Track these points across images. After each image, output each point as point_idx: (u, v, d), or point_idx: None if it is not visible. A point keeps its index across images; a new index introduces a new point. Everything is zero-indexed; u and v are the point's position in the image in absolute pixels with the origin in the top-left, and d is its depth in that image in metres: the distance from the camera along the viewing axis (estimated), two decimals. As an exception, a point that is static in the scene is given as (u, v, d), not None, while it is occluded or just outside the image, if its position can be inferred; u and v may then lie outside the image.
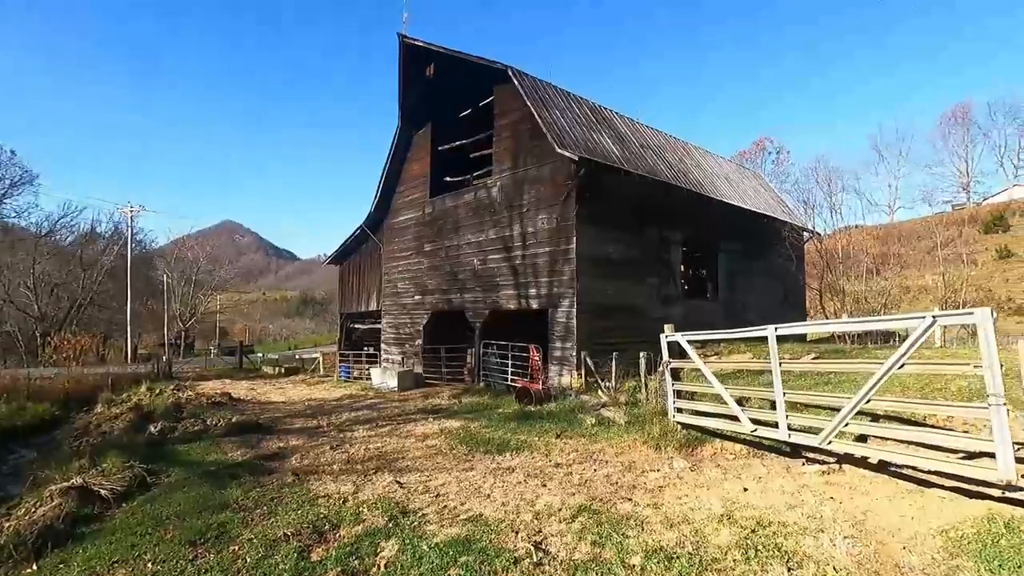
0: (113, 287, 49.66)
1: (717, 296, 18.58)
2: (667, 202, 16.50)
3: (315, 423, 11.55)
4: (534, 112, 14.41)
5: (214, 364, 34.99)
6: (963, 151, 77.37)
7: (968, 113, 76.10)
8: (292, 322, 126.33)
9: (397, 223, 20.58)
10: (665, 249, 16.39)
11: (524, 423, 9.63)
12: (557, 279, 14.13)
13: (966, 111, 76.80)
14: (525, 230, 15.14)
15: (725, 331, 7.24)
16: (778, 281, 21.77)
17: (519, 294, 15.23)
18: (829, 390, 8.01)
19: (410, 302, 19.65)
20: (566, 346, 13.80)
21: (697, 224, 17.65)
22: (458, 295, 17.39)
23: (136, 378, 23.56)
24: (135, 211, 40.91)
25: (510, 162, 15.82)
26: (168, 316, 51.05)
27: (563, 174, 14.17)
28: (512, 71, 15.12)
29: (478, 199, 16.83)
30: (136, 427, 11.18)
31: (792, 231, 22.01)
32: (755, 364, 6.59)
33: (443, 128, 19.19)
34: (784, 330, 5.75)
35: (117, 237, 49.75)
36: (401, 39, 17.19)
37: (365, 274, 22.89)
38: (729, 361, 11.07)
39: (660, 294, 16.06)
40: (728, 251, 19.01)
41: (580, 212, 13.82)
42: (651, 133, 19.52)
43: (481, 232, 16.59)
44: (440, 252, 18.24)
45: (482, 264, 16.48)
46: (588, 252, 14.01)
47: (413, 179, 19.92)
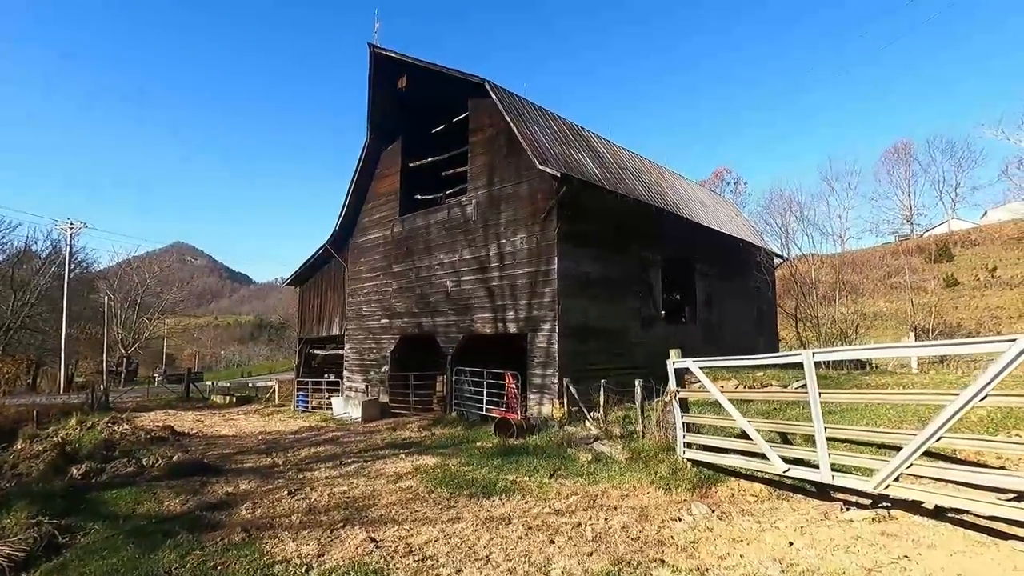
0: (48, 310, 46.13)
1: (696, 319, 18.15)
2: (646, 223, 16.05)
3: (270, 461, 10.25)
4: (513, 127, 13.78)
5: (158, 393, 32.47)
6: (905, 185, 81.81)
7: (909, 149, 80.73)
8: (246, 348, 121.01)
9: (363, 242, 19.48)
10: (645, 270, 15.86)
11: (509, 459, 8.66)
12: (537, 301, 13.33)
13: (907, 148, 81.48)
14: (502, 250, 14.35)
15: (744, 357, 6.50)
16: (752, 305, 21.62)
17: (496, 317, 14.34)
18: (836, 420, 7.42)
19: (376, 326, 18.46)
20: (547, 373, 12.93)
21: (676, 246, 17.26)
22: (429, 319, 16.36)
23: (67, 409, 21.40)
24: (75, 228, 38.21)
25: (486, 179, 15.10)
26: (108, 341, 47.63)
27: (543, 192, 13.51)
28: (489, 84, 14.50)
29: (451, 217, 15.98)
30: (57, 468, 9.62)
31: (766, 256, 22.00)
32: (782, 394, 5.85)
33: (414, 144, 18.39)
34: (823, 355, 5.07)
35: (55, 256, 46.46)
36: (372, 49, 16.40)
37: (327, 296, 21.57)
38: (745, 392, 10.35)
39: (641, 316, 15.47)
40: (705, 274, 18.69)
41: (561, 231, 13.14)
42: (628, 155, 19.22)
43: (455, 252, 15.70)
44: (410, 273, 17.23)
45: (456, 286, 15.56)
46: (569, 273, 13.30)
47: (381, 196, 18.94)
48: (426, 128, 17.82)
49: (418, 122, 18.05)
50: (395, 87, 17.08)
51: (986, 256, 55.50)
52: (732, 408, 5.87)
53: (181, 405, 25.43)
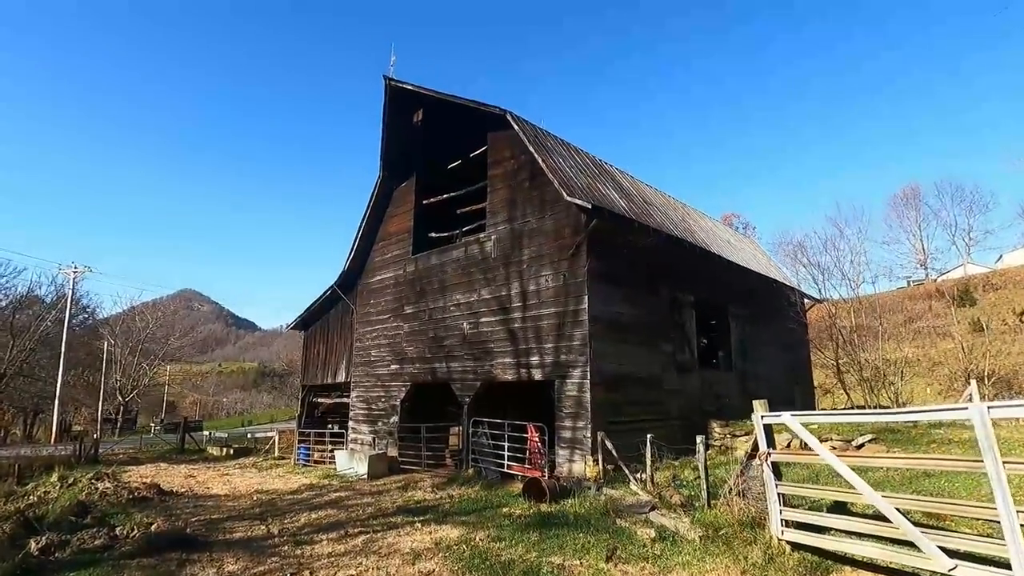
0: (48, 356, 45.00)
1: (731, 366, 16.76)
2: (678, 261, 14.97)
3: (263, 530, 8.82)
4: (538, 158, 12.92)
5: (153, 444, 30.85)
6: (916, 230, 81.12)
7: (918, 194, 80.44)
8: (248, 395, 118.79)
9: (373, 283, 18.43)
10: (678, 312, 14.65)
11: (548, 533, 7.23)
12: (565, 345, 12.08)
13: (915, 192, 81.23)
14: (525, 289, 13.22)
15: (861, 412, 5.23)
16: (785, 351, 20.23)
17: (518, 363, 13.06)
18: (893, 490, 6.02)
19: (385, 372, 17.15)
20: (578, 425, 11.54)
21: (707, 286, 16.10)
22: (443, 364, 15.08)
23: (54, 462, 19.93)
24: (79, 272, 37.56)
25: (506, 214, 14.15)
26: (106, 388, 46.21)
27: (570, 226, 12.50)
28: (511, 115, 13.76)
29: (469, 255, 14.96)
30: (14, 541, 8.22)
31: (801, 298, 20.77)
32: (939, 462, 4.48)
33: (429, 180, 17.61)
34: (1001, 411, 3.81)
35: (58, 301, 45.69)
36: (387, 82, 15.84)
37: (333, 341, 20.36)
38: (868, 457, 8.68)
39: (675, 362, 14.14)
40: (738, 316, 17.43)
41: (592, 268, 12.04)
42: (651, 191, 18.36)
43: (472, 292, 14.59)
44: (423, 315, 16.07)
45: (473, 328, 14.36)
46: (601, 314, 12.11)
47: (393, 235, 18.02)
48: (441, 164, 17.07)
49: (433, 158, 17.33)
50: (410, 121, 16.44)
51: (1011, 300, 53.90)
52: (855, 477, 4.54)
53: (175, 457, 23.86)
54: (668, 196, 19.52)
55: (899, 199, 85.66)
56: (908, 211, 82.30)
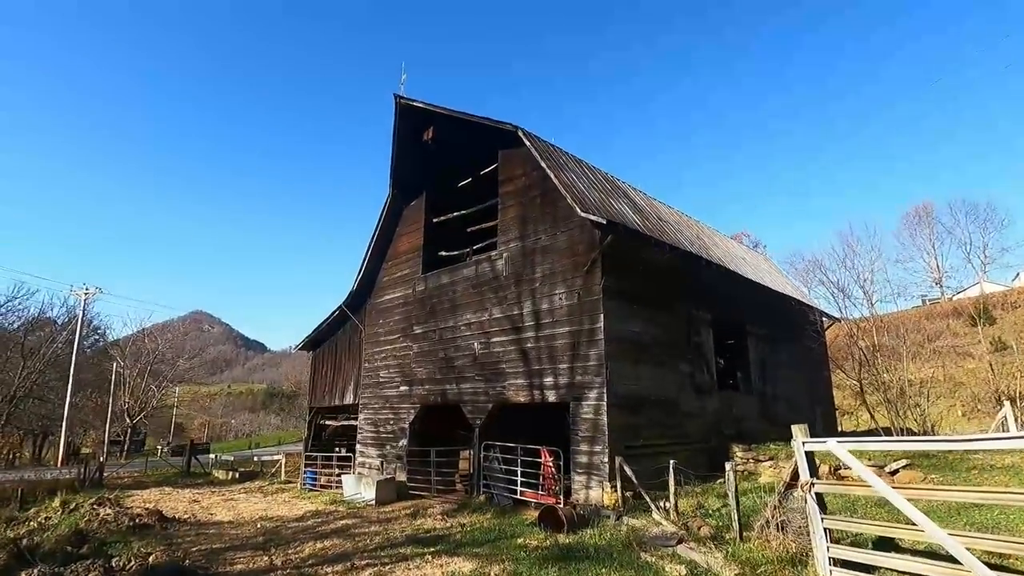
0: (57, 378, 45.00)
1: (751, 387, 16.21)
2: (694, 279, 14.58)
3: (266, 561, 8.39)
4: (550, 174, 12.67)
5: (158, 467, 30.44)
6: (931, 248, 80.00)
7: (931, 212, 79.48)
8: (256, 417, 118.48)
9: (382, 303, 18.14)
10: (695, 332, 14.20)
11: (567, 567, 6.76)
12: (581, 365, 11.66)
13: (928, 210, 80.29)
14: (538, 307, 12.86)
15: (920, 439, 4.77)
16: (804, 371, 19.62)
17: (531, 384, 12.63)
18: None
19: (394, 394, 16.75)
20: (595, 449, 11.05)
21: (724, 304, 15.66)
22: (454, 386, 14.68)
23: (57, 486, 19.62)
24: (90, 293, 37.64)
25: (518, 231, 13.87)
26: (114, 410, 46.05)
27: (584, 242, 12.18)
28: (522, 132, 13.58)
29: (480, 274, 14.65)
30: (6, 572, 7.85)
31: (819, 316, 20.24)
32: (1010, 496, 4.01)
33: (439, 199, 17.43)
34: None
35: (69, 323, 45.86)
36: (397, 100, 15.76)
37: (342, 362, 20.02)
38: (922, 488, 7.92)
39: (693, 383, 13.65)
40: (756, 336, 16.93)
41: (607, 285, 11.67)
42: (665, 208, 18.06)
43: (483, 311, 14.25)
44: (433, 335, 15.72)
45: (484, 348, 13.98)
46: (617, 333, 11.70)
47: (403, 254, 17.79)
48: (451, 182, 16.89)
49: (443, 176, 17.17)
50: (420, 140, 16.30)
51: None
52: (917, 512, 4.09)
53: (180, 481, 23.47)
54: (681, 213, 19.21)
55: (911, 217, 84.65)
56: (921, 229, 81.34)
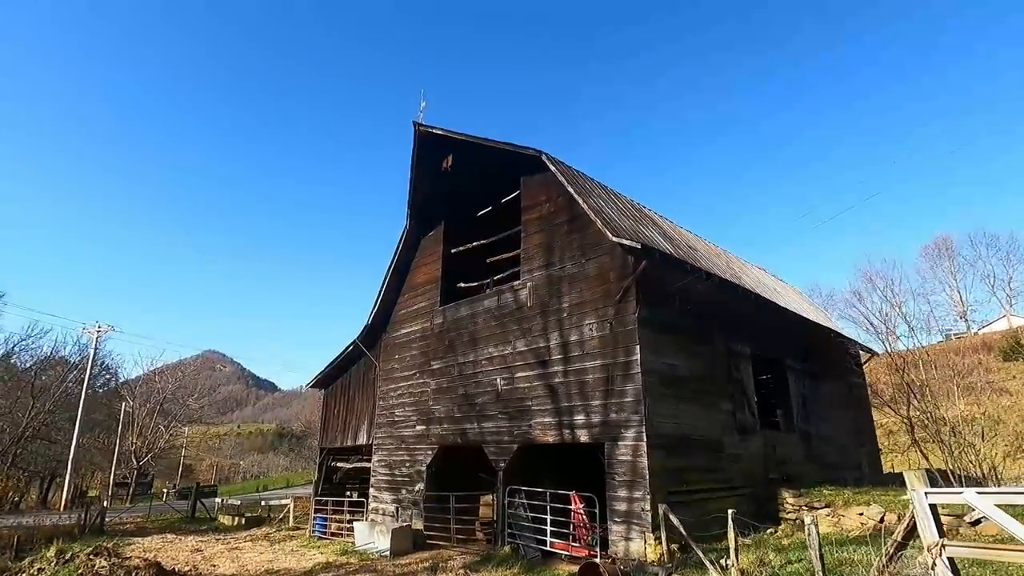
0: (66, 419, 44.31)
1: (793, 425, 15.06)
2: (731, 309, 13.71)
3: (271, 627, 7.39)
4: (578, 199, 12.06)
5: (163, 512, 29.30)
6: (953, 281, 78.16)
7: (950, 244, 78.01)
8: (265, 458, 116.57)
9: (397, 337, 17.39)
10: (735, 365, 13.24)
11: (622, 640, 5.72)
12: (615, 402, 10.73)
13: (948, 242, 78.83)
14: (566, 339, 12.03)
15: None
16: (847, 408, 18.41)
17: (560, 422, 11.68)
18: None
19: (410, 434, 15.80)
20: (634, 496, 10.01)
21: (762, 337, 14.71)
22: (475, 425, 13.73)
23: (57, 533, 18.67)
24: (102, 332, 37.33)
25: (543, 259, 13.18)
26: (121, 451, 45.11)
27: (615, 270, 11.45)
28: (546, 156, 13.07)
29: (502, 305, 13.91)
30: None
31: (858, 350, 19.15)
32: None
33: (457, 229, 16.88)
34: None
35: (81, 362, 45.47)
36: (417, 128, 15.41)
37: (355, 400, 19.14)
38: None
39: (736, 422, 12.60)
40: (795, 371, 15.88)
41: (642, 315, 10.85)
42: (693, 237, 17.35)
43: (506, 344, 13.43)
44: (452, 370, 14.88)
45: (508, 384, 13.10)
46: (654, 366, 10.81)
47: (419, 286, 17.14)
48: (470, 211, 16.40)
49: (462, 205, 16.68)
50: (439, 168, 15.88)
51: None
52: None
53: (185, 527, 22.37)
54: (708, 242, 18.48)
55: (931, 250, 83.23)
56: (941, 262, 79.74)
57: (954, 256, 77.31)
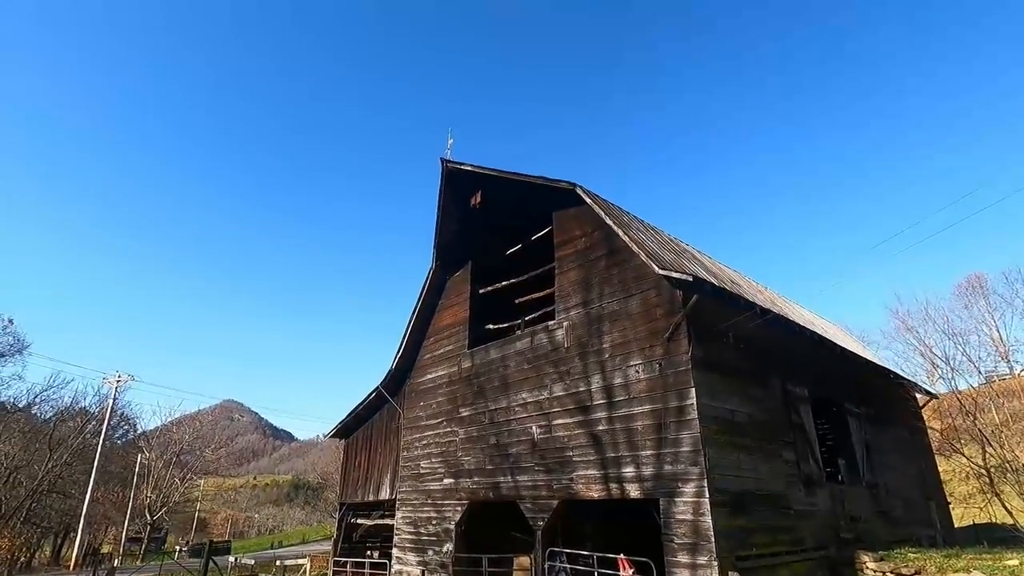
0: (82, 471, 43.51)
1: (858, 477, 13.64)
2: (785, 348, 12.65)
3: None
4: (618, 232, 11.33)
5: (174, 571, 27.90)
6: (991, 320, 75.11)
7: (984, 283, 75.39)
8: (281, 511, 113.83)
9: (423, 383, 16.50)
10: (794, 409, 12.06)
11: None
12: (670, 452, 9.64)
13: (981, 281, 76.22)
14: (610, 382, 11.05)
15: None
16: (911, 457, 16.84)
17: (606, 475, 10.55)
18: None
19: (437, 488, 14.66)
20: (698, 561, 8.77)
21: (819, 378, 13.54)
22: (508, 478, 12.61)
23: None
24: (122, 381, 36.95)
25: (580, 297, 12.36)
26: (134, 505, 43.95)
27: (663, 305, 10.56)
28: (581, 189, 12.45)
29: (536, 346, 13.02)
30: None
31: (915, 392, 17.73)
32: None
33: (484, 269, 16.23)
34: None
35: (101, 412, 45.03)
36: (444, 164, 15.01)
37: (377, 451, 18.10)
38: None
39: (801, 474, 11.33)
40: (856, 416, 14.56)
41: (696, 355, 9.89)
42: (731, 272, 16.45)
43: (542, 388, 12.47)
44: (482, 417, 13.89)
45: (545, 432, 12.05)
46: (711, 411, 9.75)
47: (446, 329, 16.36)
48: (498, 250, 15.76)
49: (489, 244, 16.07)
50: (467, 206, 15.37)
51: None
52: None
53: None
54: (749, 278, 17.54)
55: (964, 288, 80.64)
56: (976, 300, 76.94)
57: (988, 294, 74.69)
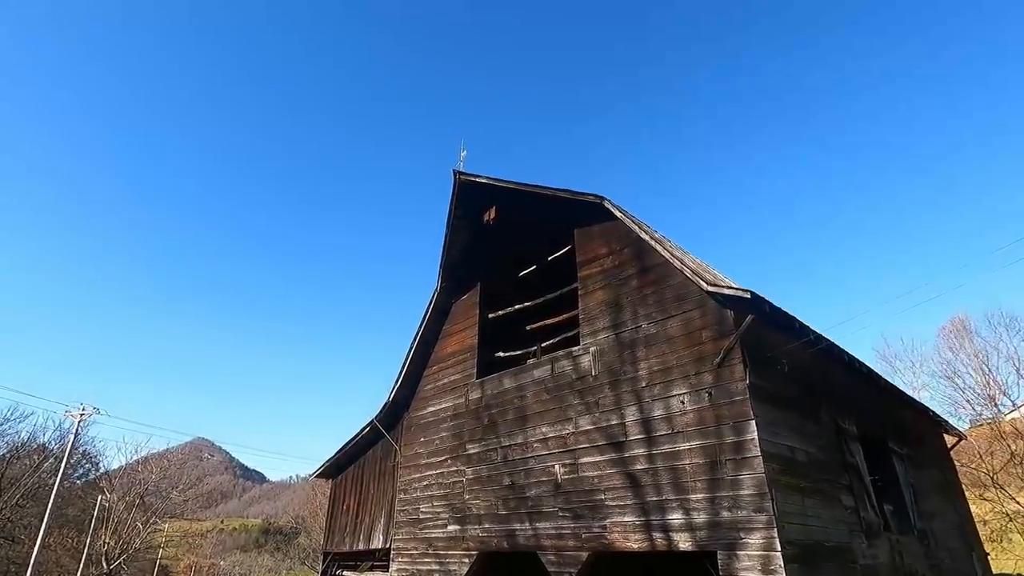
0: (35, 514, 40.05)
1: (909, 525, 12.36)
2: (832, 379, 11.56)
3: None
4: (656, 247, 10.31)
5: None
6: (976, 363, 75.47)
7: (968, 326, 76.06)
8: (248, 557, 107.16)
9: (424, 416, 15.00)
10: (848, 448, 10.86)
11: None
12: (728, 495, 8.33)
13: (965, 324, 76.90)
14: (647, 414, 9.78)
15: None
16: (949, 502, 15.65)
17: (648, 523, 9.15)
18: None
19: (440, 536, 13.01)
20: (772, 630, 7.36)
21: (864, 413, 12.42)
22: (526, 524, 11.09)
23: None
24: (86, 415, 34.24)
25: (608, 320, 11.19)
26: (90, 552, 40.41)
27: (710, 327, 9.44)
28: (609, 203, 11.47)
29: (558, 375, 11.74)
30: None
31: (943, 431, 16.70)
32: None
33: (494, 291, 15.05)
34: None
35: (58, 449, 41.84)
36: (457, 177, 13.98)
37: (369, 493, 16.36)
38: None
39: (861, 522, 10.03)
40: (900, 455, 13.40)
41: (753, 383, 8.71)
42: (758, 300, 15.46)
43: (565, 422, 11.12)
44: (493, 455, 12.42)
45: (570, 472, 10.64)
46: (773, 448, 8.52)
47: (451, 356, 15.01)
48: (510, 271, 14.65)
49: (500, 265, 14.96)
50: (479, 223, 14.32)
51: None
52: None
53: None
54: (773, 308, 16.57)
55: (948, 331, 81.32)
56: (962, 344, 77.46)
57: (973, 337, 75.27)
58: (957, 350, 73.61)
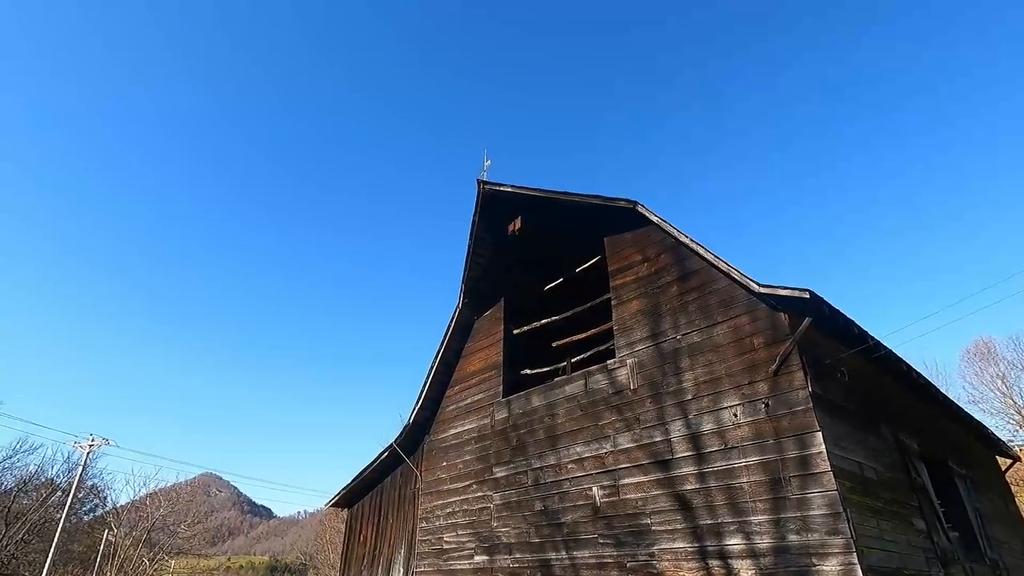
0: (41, 550, 39.08)
1: (980, 553, 11.30)
2: (889, 390, 10.74)
3: None
4: (699, 250, 9.71)
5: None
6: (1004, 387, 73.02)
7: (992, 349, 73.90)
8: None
9: (446, 439, 14.23)
10: (913, 467, 9.97)
11: None
12: (795, 516, 7.50)
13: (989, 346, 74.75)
14: (696, 429, 9.01)
15: None
16: (1013, 528, 14.50)
17: (702, 549, 8.30)
18: None
19: (466, 567, 12.09)
20: (860, 671, 6.45)
21: (926, 431, 11.53)
22: (562, 553, 10.21)
23: None
24: (95, 446, 33.65)
25: (647, 330, 10.52)
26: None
27: (763, 333, 8.74)
28: (643, 207, 10.94)
29: (592, 390, 11.01)
30: None
31: (1000, 455, 15.65)
32: None
33: (519, 306, 14.46)
34: None
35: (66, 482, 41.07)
36: (481, 187, 13.53)
37: (388, 522, 15.46)
38: None
39: (936, 548, 9.09)
40: (963, 477, 12.41)
41: (816, 392, 7.97)
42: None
43: (603, 440, 10.34)
44: (523, 478, 11.61)
45: (610, 494, 9.82)
46: (842, 463, 7.72)
47: (475, 375, 14.32)
48: (535, 284, 14.10)
49: (525, 277, 14.40)
50: (504, 235, 13.82)
51: None
52: None
53: None
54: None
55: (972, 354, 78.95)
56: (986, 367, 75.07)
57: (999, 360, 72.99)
58: (981, 372, 71.47)
